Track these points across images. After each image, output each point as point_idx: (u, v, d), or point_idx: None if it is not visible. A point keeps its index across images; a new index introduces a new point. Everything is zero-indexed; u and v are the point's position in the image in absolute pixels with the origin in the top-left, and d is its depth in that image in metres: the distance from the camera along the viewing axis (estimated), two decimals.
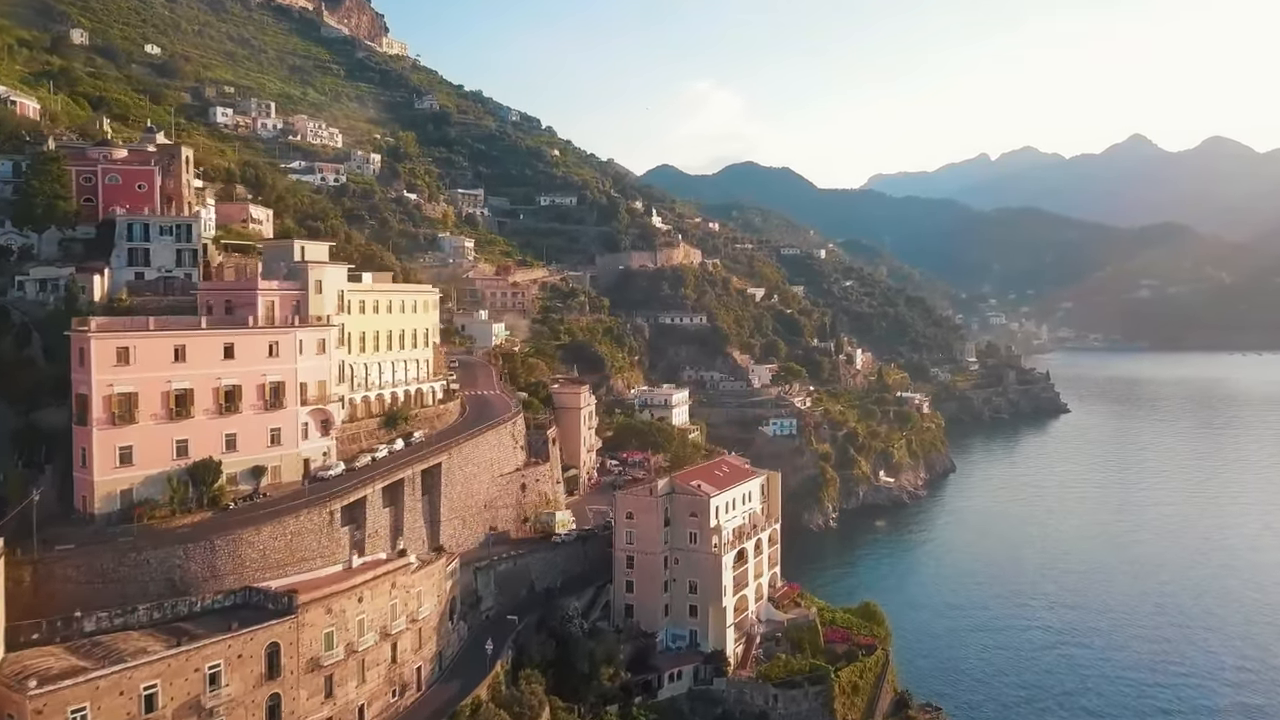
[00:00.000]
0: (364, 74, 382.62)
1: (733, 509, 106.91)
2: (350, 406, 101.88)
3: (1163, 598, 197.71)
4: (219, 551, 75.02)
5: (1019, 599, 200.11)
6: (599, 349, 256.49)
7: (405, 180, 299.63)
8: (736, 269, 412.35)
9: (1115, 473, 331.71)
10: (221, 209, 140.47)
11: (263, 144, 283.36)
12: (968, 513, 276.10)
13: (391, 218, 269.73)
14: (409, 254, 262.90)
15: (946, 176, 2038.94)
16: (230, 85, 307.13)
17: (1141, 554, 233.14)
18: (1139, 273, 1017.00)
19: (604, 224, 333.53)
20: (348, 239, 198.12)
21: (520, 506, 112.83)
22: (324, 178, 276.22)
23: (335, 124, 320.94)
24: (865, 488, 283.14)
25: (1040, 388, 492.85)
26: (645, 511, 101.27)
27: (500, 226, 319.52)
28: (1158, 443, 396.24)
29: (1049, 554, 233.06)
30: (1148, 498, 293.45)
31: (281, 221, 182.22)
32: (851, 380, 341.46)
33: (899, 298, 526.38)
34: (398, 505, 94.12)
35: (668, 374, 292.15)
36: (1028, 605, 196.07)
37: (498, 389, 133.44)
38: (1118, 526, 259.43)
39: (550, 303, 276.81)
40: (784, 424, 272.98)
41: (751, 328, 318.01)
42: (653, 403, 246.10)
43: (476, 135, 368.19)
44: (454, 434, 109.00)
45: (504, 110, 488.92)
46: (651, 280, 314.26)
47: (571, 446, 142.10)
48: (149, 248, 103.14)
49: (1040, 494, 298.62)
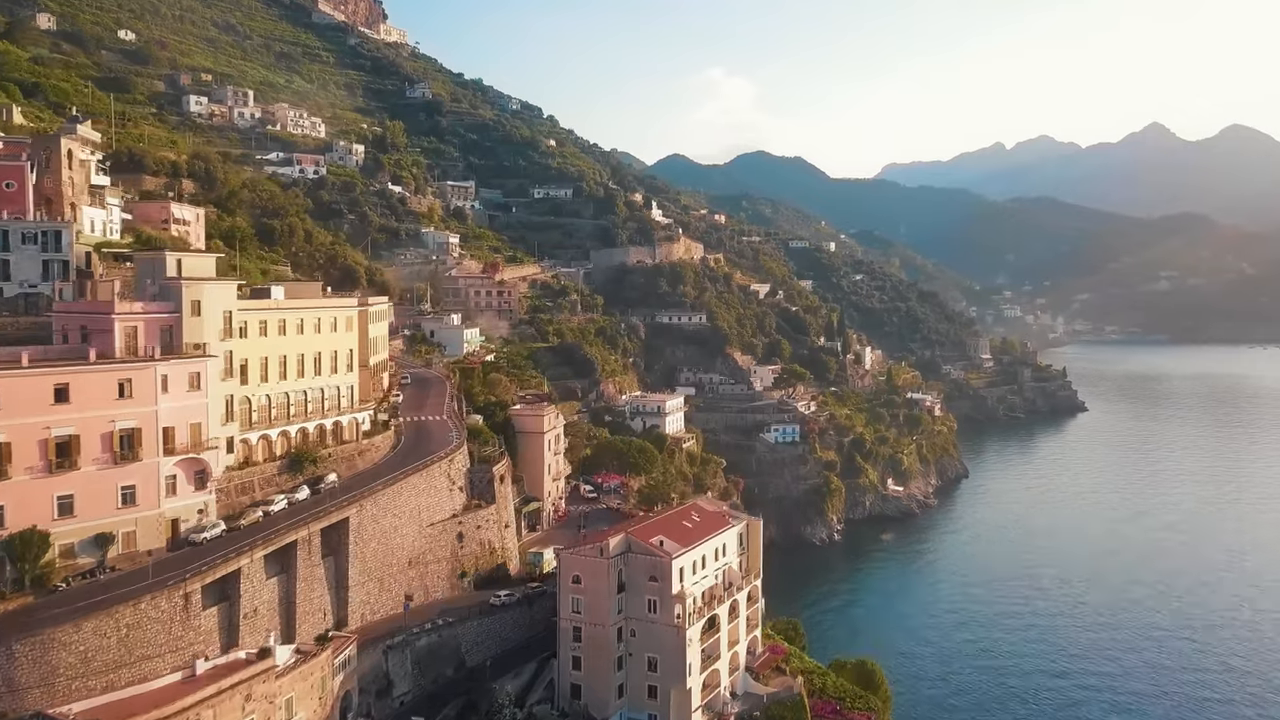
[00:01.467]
0: (355, 62, 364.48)
1: (702, 568, 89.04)
2: (244, 449, 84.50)
3: (1196, 628, 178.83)
4: (19, 658, 57.87)
5: (1037, 626, 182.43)
6: (589, 352, 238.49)
7: (390, 172, 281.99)
8: (741, 263, 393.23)
9: (1137, 479, 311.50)
10: (140, 209, 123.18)
11: (238, 134, 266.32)
12: (981, 526, 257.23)
13: (372, 212, 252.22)
14: (389, 250, 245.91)
15: (961, 166, 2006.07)
16: (208, 73, 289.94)
17: (1168, 572, 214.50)
18: (1157, 264, 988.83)
19: (601, 217, 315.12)
20: (308, 238, 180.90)
21: (457, 559, 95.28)
22: (302, 170, 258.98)
23: (319, 113, 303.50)
24: (872, 497, 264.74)
25: (1057, 385, 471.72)
26: (595, 575, 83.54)
27: (491, 220, 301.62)
28: (1181, 446, 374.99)
29: (1068, 574, 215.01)
30: (1173, 507, 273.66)
31: (233, 220, 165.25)
32: (859, 381, 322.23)
33: (911, 292, 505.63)
34: (289, 574, 76.81)
35: (665, 377, 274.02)
36: (1046, 632, 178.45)
37: (445, 414, 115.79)
38: (1142, 540, 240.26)
39: (540, 301, 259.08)
40: (786, 430, 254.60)
41: (754, 327, 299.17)
42: (645, 410, 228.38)
43: (469, 125, 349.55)
44: (377, 475, 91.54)
45: (504, 99, 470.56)
46: (649, 277, 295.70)
47: (534, 476, 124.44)
48: (8, 259, 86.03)
49: (1058, 504, 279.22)
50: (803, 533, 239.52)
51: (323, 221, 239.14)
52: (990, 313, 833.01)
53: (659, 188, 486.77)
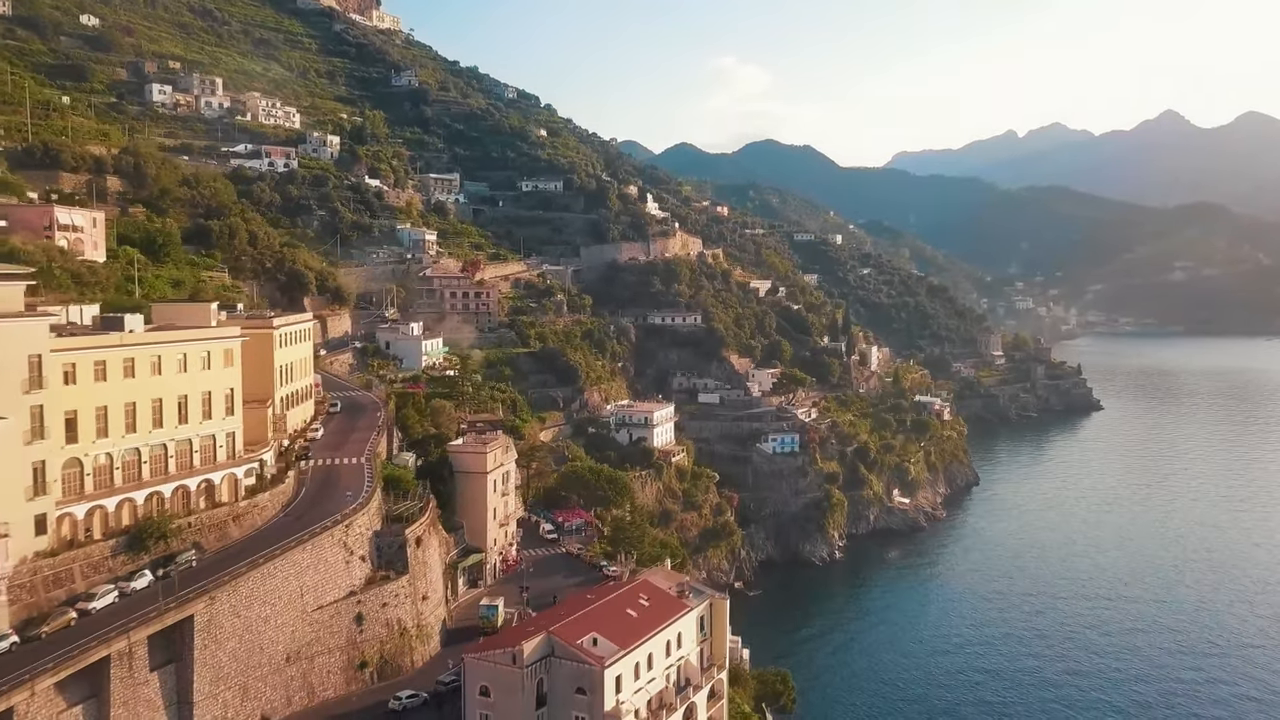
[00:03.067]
0: (339, 48, 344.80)
1: (649, 670, 70.37)
2: (67, 527, 66.25)
3: (1231, 666, 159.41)
4: None
5: (1057, 657, 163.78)
6: (573, 358, 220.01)
7: (367, 165, 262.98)
8: (742, 258, 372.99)
9: (1158, 485, 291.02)
10: (18, 215, 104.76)
11: (204, 125, 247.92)
12: (992, 541, 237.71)
13: (345, 208, 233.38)
14: (360, 249, 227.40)
15: (972, 154, 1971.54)
16: (177, 60, 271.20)
17: (1194, 592, 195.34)
18: (1172, 254, 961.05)
19: (592, 211, 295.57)
20: (252, 239, 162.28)
21: (354, 648, 76.80)
22: (271, 163, 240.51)
23: (295, 102, 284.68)
24: (876, 510, 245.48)
25: (1071, 383, 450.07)
26: (507, 688, 65.01)
27: (475, 215, 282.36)
28: (1203, 448, 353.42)
29: (1088, 592, 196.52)
30: (1196, 517, 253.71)
31: (162, 222, 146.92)
32: (864, 383, 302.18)
33: (920, 286, 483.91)
34: (100, 697, 58.72)
35: (656, 382, 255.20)
36: (1066, 665, 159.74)
37: (365, 455, 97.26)
38: (1164, 555, 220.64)
39: (522, 303, 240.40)
40: (785, 440, 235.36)
41: (753, 327, 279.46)
42: (631, 421, 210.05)
43: (456, 114, 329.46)
44: (258, 545, 73.33)
45: (500, 87, 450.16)
46: (641, 275, 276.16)
47: (476, 523, 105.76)
48: None
49: (1073, 514, 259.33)
50: (801, 551, 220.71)
51: (290, 218, 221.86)
52: (1002, 304, 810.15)
53: (660, 179, 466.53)
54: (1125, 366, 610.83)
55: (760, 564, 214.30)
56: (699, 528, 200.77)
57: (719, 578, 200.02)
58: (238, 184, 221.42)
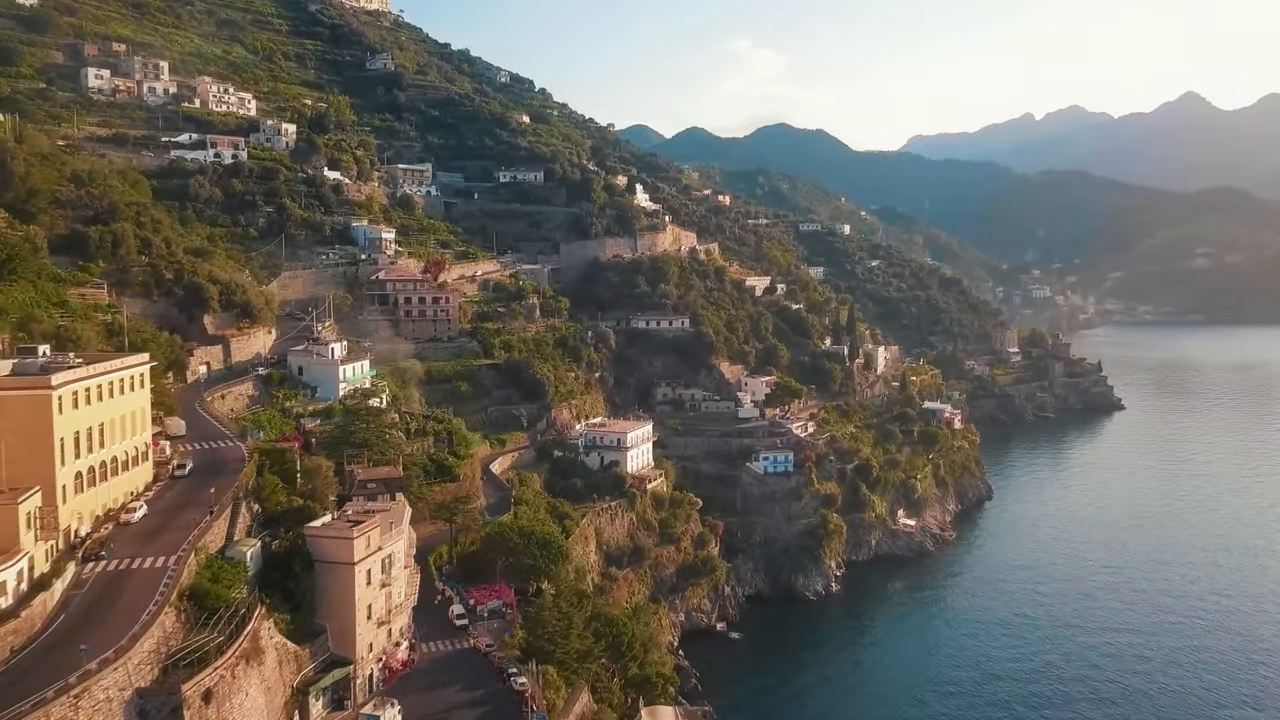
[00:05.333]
0: (312, 30, 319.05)
1: None
2: None
3: None
4: None
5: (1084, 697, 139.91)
6: (540, 370, 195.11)
7: (327, 155, 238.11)
8: (742, 252, 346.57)
9: (1188, 498, 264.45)
10: None
11: (144, 113, 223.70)
12: (1006, 564, 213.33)
13: (294, 203, 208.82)
14: (308, 250, 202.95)
15: (988, 137, 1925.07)
16: (123, 42, 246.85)
17: (1238, 624, 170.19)
18: (1194, 240, 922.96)
19: (575, 204, 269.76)
20: (145, 247, 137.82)
21: None
22: (218, 154, 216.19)
23: (254, 87, 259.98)
24: (879, 534, 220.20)
25: (1091, 381, 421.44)
26: None
27: (447, 209, 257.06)
28: (1232, 450, 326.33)
29: (1117, 623, 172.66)
30: (1232, 534, 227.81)
31: (26, 230, 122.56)
32: (868, 390, 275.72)
33: (932, 279, 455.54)
34: None
35: (639, 393, 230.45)
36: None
37: (179, 552, 72.64)
38: (1198, 584, 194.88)
39: (489, 307, 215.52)
40: (778, 459, 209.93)
41: (747, 331, 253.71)
42: (602, 443, 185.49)
43: (432, 100, 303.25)
44: None
45: (492, 71, 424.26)
46: (625, 274, 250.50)
47: (343, 624, 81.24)
48: None
49: (1094, 531, 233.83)
50: (794, 584, 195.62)
51: (232, 215, 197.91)
52: (1018, 293, 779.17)
53: (660, 166, 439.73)
54: (1146, 359, 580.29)
55: (748, 599, 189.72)
56: (676, 564, 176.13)
57: (698, 620, 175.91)
58: (173, 179, 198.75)
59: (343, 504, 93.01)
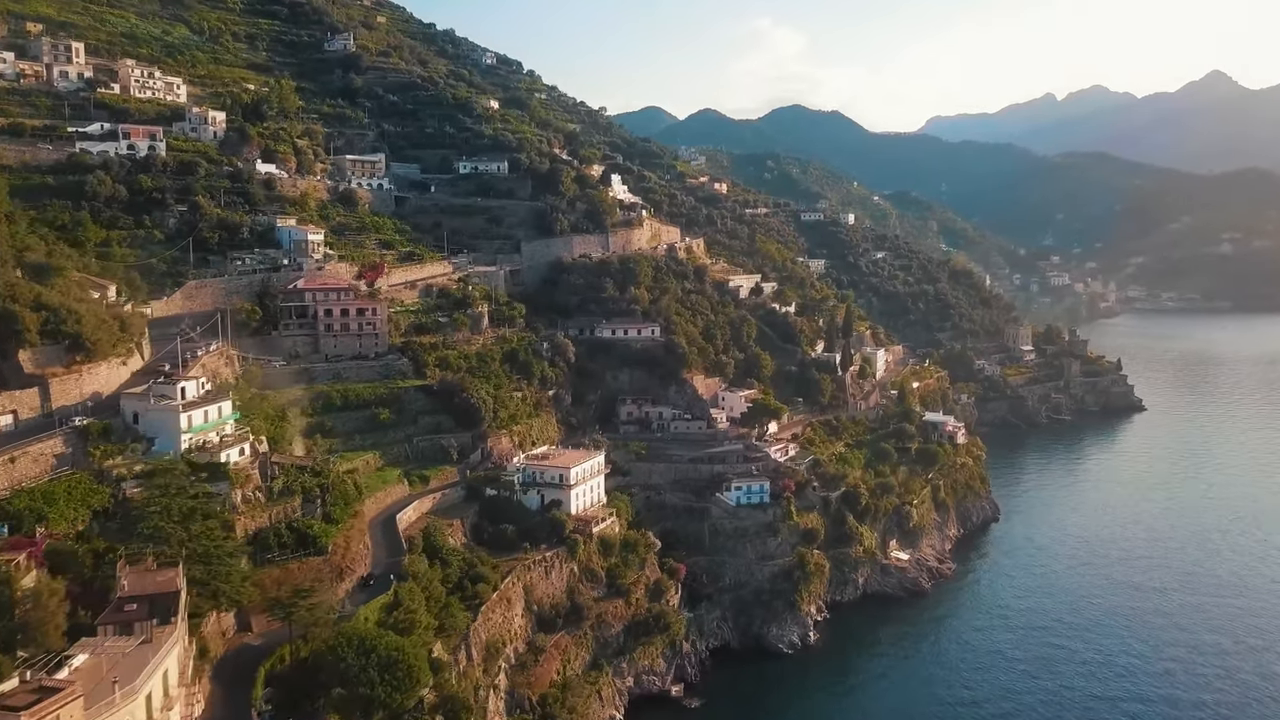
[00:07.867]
0: (269, 8, 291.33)
1: None
2: None
3: None
4: None
5: None
6: (475, 392, 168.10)
7: (261, 145, 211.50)
8: (733, 246, 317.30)
9: (1214, 514, 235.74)
10: None
11: (50, 100, 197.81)
12: (1011, 605, 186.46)
13: (208, 201, 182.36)
14: (221, 255, 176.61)
15: (1008, 118, 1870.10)
16: (42, 22, 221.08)
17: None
18: (1220, 224, 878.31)
19: (541, 197, 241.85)
20: None
21: None
22: (132, 146, 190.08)
23: (188, 71, 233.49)
24: (868, 571, 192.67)
25: (1110, 380, 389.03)
26: None
27: (398, 204, 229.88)
28: (1266, 457, 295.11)
29: (1148, 700, 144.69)
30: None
31: None
32: (863, 402, 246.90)
33: (941, 272, 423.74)
34: None
35: (601, 412, 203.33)
36: None
37: None
38: (1241, 635, 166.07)
39: (429, 317, 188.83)
40: (753, 489, 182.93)
41: (726, 339, 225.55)
42: (542, 479, 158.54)
43: (391, 84, 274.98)
44: None
45: (478, 52, 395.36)
46: (591, 276, 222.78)
47: None
48: None
49: (1114, 561, 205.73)
50: (765, 635, 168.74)
51: (135, 217, 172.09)
52: (1035, 280, 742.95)
53: (653, 152, 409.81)
54: (1170, 352, 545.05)
55: (711, 654, 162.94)
56: (624, 620, 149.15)
57: (649, 684, 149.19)
58: (69, 174, 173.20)
59: (77, 638, 66.78)
